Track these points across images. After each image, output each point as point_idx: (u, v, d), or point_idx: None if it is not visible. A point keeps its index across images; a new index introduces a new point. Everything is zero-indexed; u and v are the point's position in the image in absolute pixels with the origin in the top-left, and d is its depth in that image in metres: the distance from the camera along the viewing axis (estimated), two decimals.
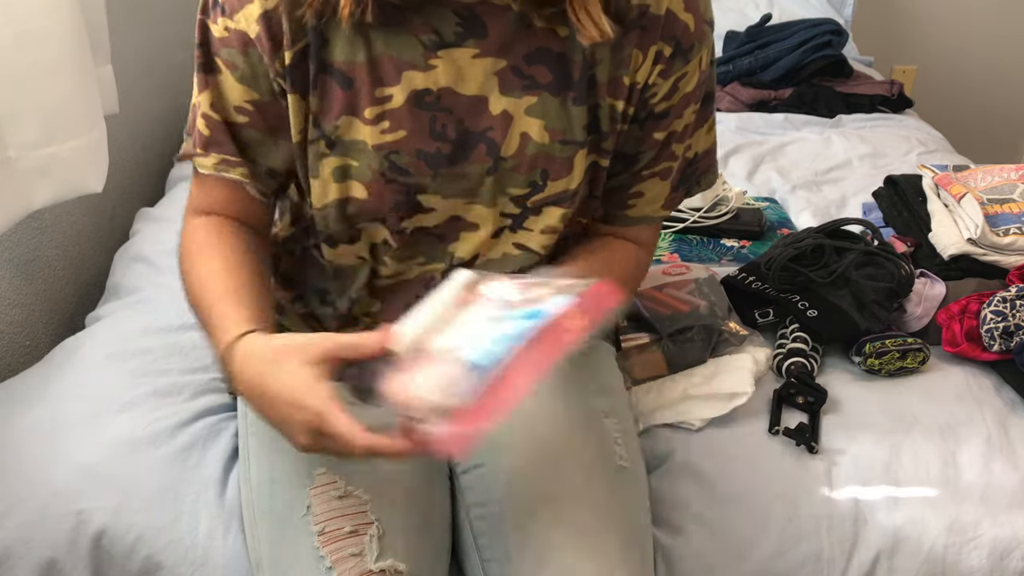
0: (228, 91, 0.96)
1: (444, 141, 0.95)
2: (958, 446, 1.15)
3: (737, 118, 2.21)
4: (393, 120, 0.94)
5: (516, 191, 0.98)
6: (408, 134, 0.94)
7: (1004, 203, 1.49)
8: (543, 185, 0.98)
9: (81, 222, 1.63)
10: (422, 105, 0.94)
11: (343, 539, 0.90)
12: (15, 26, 1.10)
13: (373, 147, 0.94)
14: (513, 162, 0.96)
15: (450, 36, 0.92)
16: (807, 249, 1.35)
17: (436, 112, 0.94)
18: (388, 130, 0.94)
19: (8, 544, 0.99)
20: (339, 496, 0.92)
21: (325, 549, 0.89)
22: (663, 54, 0.96)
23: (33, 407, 1.12)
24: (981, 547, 1.05)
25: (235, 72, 0.95)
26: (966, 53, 3.24)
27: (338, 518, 0.91)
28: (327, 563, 0.88)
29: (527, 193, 0.98)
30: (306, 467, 0.95)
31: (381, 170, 0.95)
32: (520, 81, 0.94)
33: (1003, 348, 1.24)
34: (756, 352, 1.25)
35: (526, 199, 0.98)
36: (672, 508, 1.07)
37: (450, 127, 0.95)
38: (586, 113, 0.96)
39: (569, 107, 0.95)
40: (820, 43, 2.37)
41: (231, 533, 1.02)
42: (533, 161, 0.96)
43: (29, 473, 1.05)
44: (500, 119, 0.95)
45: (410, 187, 0.96)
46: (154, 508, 1.02)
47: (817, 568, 1.04)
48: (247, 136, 0.98)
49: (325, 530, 0.90)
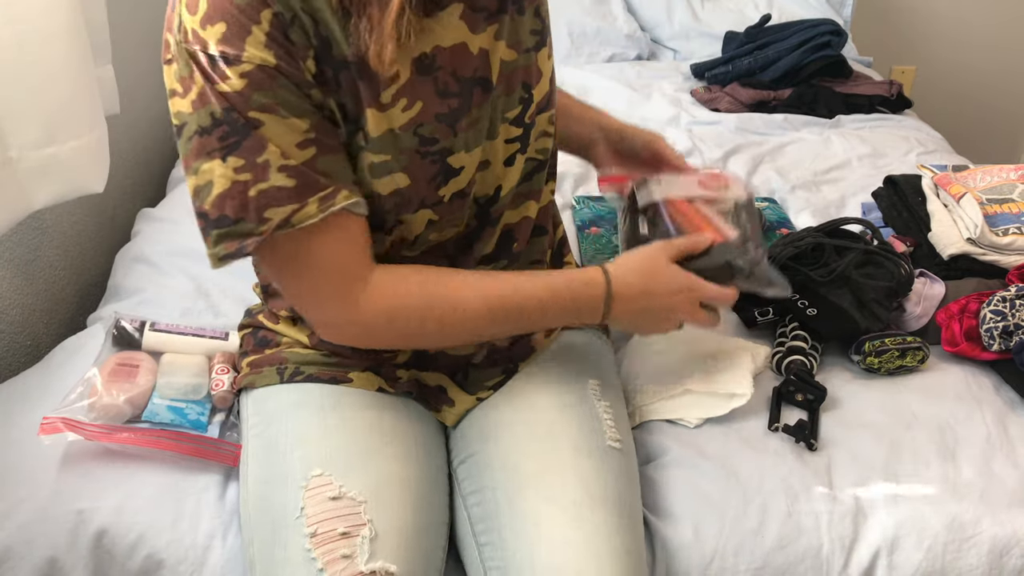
0: (282, 135, 0.87)
1: (450, 96, 0.96)
2: (957, 445, 1.15)
3: (737, 118, 2.22)
4: (408, 95, 0.93)
5: (512, 113, 1.01)
6: (424, 103, 0.95)
7: (1003, 203, 1.49)
8: (529, 97, 1.02)
9: (82, 222, 1.63)
10: (423, 70, 0.94)
11: (334, 541, 0.90)
12: (15, 26, 1.10)
13: (400, 129, 0.93)
14: (502, 87, 1.00)
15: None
16: (807, 248, 1.36)
17: (436, 73, 0.95)
18: (407, 107, 0.94)
19: (9, 544, 0.99)
20: (333, 497, 0.93)
21: (317, 551, 0.89)
22: None
23: (33, 407, 1.13)
24: (980, 545, 1.05)
25: (277, 112, 0.86)
26: (966, 53, 3.25)
27: (331, 519, 0.92)
28: (318, 565, 0.89)
29: (521, 111, 1.02)
30: (302, 468, 0.96)
31: (415, 148, 0.95)
32: (478, 15, 0.97)
33: (1002, 347, 1.24)
34: (755, 350, 1.25)
35: (523, 117, 1.02)
36: (671, 500, 1.07)
37: (451, 82, 0.96)
38: (532, 16, 1.02)
39: (516, 19, 1.00)
40: (819, 43, 2.37)
41: (231, 534, 1.02)
42: (509, 79, 1.00)
43: (30, 473, 1.05)
44: (480, 57, 0.98)
45: (441, 153, 0.97)
46: (155, 508, 1.03)
47: (817, 564, 1.04)
48: (322, 166, 0.90)
49: (317, 532, 0.91)
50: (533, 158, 1.06)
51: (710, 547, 1.04)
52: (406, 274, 0.97)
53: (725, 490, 1.08)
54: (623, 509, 0.96)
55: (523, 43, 1.01)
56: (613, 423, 1.05)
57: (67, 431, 1.04)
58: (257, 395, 1.08)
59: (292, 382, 1.07)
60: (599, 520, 0.92)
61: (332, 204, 0.89)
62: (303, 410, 1.03)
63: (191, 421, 1.11)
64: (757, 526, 1.05)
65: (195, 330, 1.25)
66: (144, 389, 1.14)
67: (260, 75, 0.85)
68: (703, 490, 1.08)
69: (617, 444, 1.02)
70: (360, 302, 0.94)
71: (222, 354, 1.21)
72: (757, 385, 1.20)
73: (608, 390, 1.10)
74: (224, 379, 1.16)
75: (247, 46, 0.84)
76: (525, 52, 1.01)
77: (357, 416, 1.03)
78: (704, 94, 2.39)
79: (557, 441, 0.99)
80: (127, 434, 1.07)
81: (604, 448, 1.01)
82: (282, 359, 1.09)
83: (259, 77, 0.85)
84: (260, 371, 1.10)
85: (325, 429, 1.00)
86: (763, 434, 1.16)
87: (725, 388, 1.18)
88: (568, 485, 0.95)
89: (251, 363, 1.12)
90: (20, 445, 1.08)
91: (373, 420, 1.03)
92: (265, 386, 1.08)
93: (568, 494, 0.94)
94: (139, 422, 1.11)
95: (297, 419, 1.02)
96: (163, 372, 1.17)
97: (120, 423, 1.10)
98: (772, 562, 1.04)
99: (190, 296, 1.39)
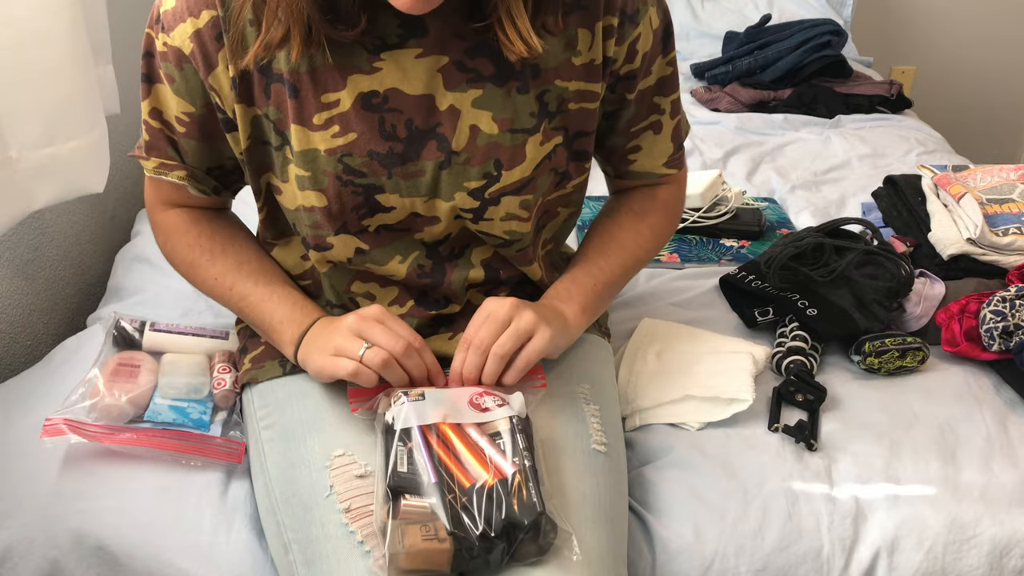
0: (167, 101, 1.03)
1: (395, 140, 0.98)
2: (958, 445, 1.15)
3: (737, 118, 2.22)
4: (342, 124, 0.97)
5: (472, 184, 1.00)
6: (358, 136, 0.97)
7: (1003, 203, 1.49)
8: (498, 176, 1.00)
9: (82, 222, 1.63)
10: (369, 107, 0.97)
11: (369, 516, 0.91)
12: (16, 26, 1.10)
13: (325, 152, 0.98)
14: (465, 155, 0.99)
15: (392, 39, 0.96)
16: (807, 248, 1.36)
17: (384, 113, 0.97)
18: (338, 134, 0.97)
19: (10, 544, 0.99)
20: (359, 475, 0.94)
21: (354, 525, 0.90)
22: (612, 27, 1.00)
23: (34, 407, 1.13)
24: (980, 545, 1.05)
25: (172, 85, 1.01)
26: (965, 53, 3.25)
27: (361, 496, 0.93)
28: (358, 537, 0.89)
29: (483, 185, 1.00)
30: (323, 450, 0.97)
31: (336, 173, 0.98)
32: (464, 75, 0.97)
33: (1002, 348, 1.24)
34: (755, 350, 1.25)
35: (483, 191, 1.00)
36: (670, 500, 1.07)
37: (400, 126, 0.98)
38: (533, 100, 0.99)
39: (514, 96, 0.99)
40: (820, 43, 2.37)
41: (234, 530, 1.02)
42: (485, 152, 0.99)
43: (31, 473, 1.05)
44: (448, 114, 0.98)
45: (367, 188, 0.99)
46: (157, 507, 1.02)
47: (817, 565, 1.04)
48: (186, 145, 1.05)
49: (351, 508, 0.92)
50: (495, 235, 1.04)
51: (710, 548, 1.04)
52: (189, 227, 1.12)
53: (725, 491, 1.08)
54: (600, 514, 0.96)
55: (514, 122, 0.99)
56: (600, 426, 1.04)
57: (70, 433, 1.04)
58: (261, 388, 1.09)
59: (295, 374, 1.08)
60: (575, 525, 0.92)
61: (164, 173, 1.07)
62: (311, 399, 1.04)
63: (193, 420, 1.11)
64: (757, 527, 1.05)
65: (195, 330, 1.25)
66: (146, 389, 1.14)
67: (174, 54, 0.99)
68: (703, 491, 1.08)
69: (602, 447, 1.02)
70: (163, 217, 1.13)
71: (222, 353, 1.21)
72: (757, 385, 1.19)
73: (600, 393, 1.10)
74: (225, 378, 1.16)
75: (176, 29, 0.97)
76: (513, 132, 0.99)
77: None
78: (704, 94, 2.39)
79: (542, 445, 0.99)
80: (130, 434, 1.07)
81: (588, 451, 1.00)
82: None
83: (173, 54, 0.99)
84: (262, 365, 1.10)
85: (338, 416, 1.01)
86: (763, 434, 1.16)
87: (726, 393, 1.17)
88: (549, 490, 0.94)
89: (252, 359, 1.12)
90: (21, 445, 1.08)
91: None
92: (269, 379, 1.09)
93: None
94: (141, 422, 1.11)
95: (307, 408, 1.03)
96: (164, 372, 1.17)
97: (122, 423, 1.10)
98: (772, 563, 1.04)
99: (190, 296, 1.39)
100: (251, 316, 1.08)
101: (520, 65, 0.98)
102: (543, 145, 1.01)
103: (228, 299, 1.10)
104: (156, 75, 1.02)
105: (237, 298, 1.08)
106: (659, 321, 1.33)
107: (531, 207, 1.03)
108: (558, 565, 0.87)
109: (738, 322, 1.37)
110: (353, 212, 1.00)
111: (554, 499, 0.93)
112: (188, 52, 0.98)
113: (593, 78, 1.02)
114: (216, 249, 1.10)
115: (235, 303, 1.09)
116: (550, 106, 1.01)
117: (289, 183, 1.01)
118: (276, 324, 1.05)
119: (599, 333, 1.21)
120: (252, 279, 1.08)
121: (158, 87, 1.03)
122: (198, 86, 1.00)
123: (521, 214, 1.03)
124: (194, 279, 1.13)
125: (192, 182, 1.08)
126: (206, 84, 0.99)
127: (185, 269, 1.13)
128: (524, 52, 0.93)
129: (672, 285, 1.49)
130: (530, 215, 1.04)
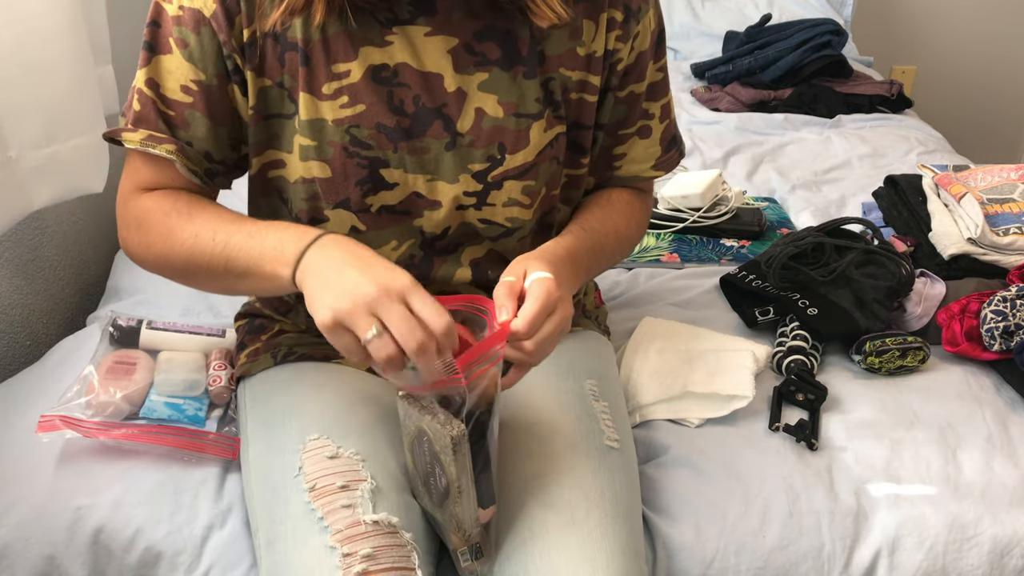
0: (174, 70, 0.97)
1: (403, 115, 0.98)
2: (958, 444, 1.15)
3: (737, 118, 2.22)
4: (351, 94, 0.97)
5: (476, 166, 1.00)
6: (367, 108, 0.97)
7: (1004, 203, 1.49)
8: (501, 159, 1.01)
9: (82, 222, 1.63)
10: (379, 80, 0.97)
11: (334, 493, 0.91)
12: (15, 26, 1.11)
13: (333, 122, 0.97)
14: (470, 137, 0.99)
15: (404, 14, 0.96)
16: (808, 248, 1.36)
17: (393, 87, 0.97)
18: (347, 104, 0.97)
19: (7, 541, 0.99)
20: (330, 456, 0.94)
21: (317, 503, 0.90)
22: (615, 20, 1.01)
23: (31, 406, 1.13)
24: (981, 545, 1.05)
25: (184, 51, 0.96)
26: (966, 53, 3.25)
27: (329, 475, 0.92)
28: (318, 514, 0.89)
29: (487, 168, 1.01)
30: (300, 435, 0.97)
31: (343, 144, 0.98)
32: (471, 58, 0.98)
33: (1003, 347, 1.24)
34: (756, 349, 1.25)
35: (486, 174, 1.01)
36: (672, 499, 1.07)
37: (408, 101, 0.98)
38: (538, 87, 1.00)
39: (520, 81, 0.99)
40: (820, 43, 2.37)
41: (229, 525, 1.03)
42: (490, 135, 0.99)
43: (27, 471, 1.05)
44: (455, 96, 0.98)
45: (372, 161, 0.99)
46: (152, 502, 1.03)
47: (818, 564, 1.04)
48: (189, 117, 0.98)
49: (316, 486, 0.91)
50: (497, 223, 1.03)
51: (711, 547, 1.04)
52: (163, 201, 0.99)
53: (726, 490, 1.08)
54: (619, 509, 0.96)
55: (519, 106, 1.00)
56: (611, 422, 1.04)
57: (65, 428, 1.04)
58: (253, 381, 1.10)
59: (285, 363, 1.08)
60: (594, 522, 0.92)
61: (152, 146, 0.97)
62: (297, 385, 1.04)
63: (189, 417, 1.11)
64: (758, 526, 1.05)
65: (191, 327, 1.25)
66: (141, 386, 1.14)
67: (192, 17, 0.95)
68: (704, 490, 1.08)
69: (615, 444, 1.02)
70: (136, 202, 1.01)
71: (219, 350, 1.21)
72: (758, 384, 1.19)
73: (607, 389, 1.10)
74: (221, 375, 1.16)
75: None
76: (518, 116, 1.00)
77: (352, 390, 1.04)
78: (704, 94, 2.39)
79: (553, 441, 0.99)
80: (125, 430, 1.07)
81: (601, 448, 1.00)
82: (276, 344, 1.11)
83: (190, 16, 0.95)
84: (256, 359, 1.11)
85: (320, 402, 1.01)
86: (764, 434, 1.16)
87: (726, 390, 1.17)
88: (563, 486, 0.94)
89: (248, 353, 1.13)
90: (17, 443, 1.08)
91: (368, 394, 1.04)
92: (261, 371, 1.09)
93: (563, 496, 0.94)
94: (137, 419, 1.11)
95: (291, 393, 1.03)
96: (160, 369, 1.17)
97: (118, 420, 1.10)
98: (773, 562, 1.04)
99: (190, 296, 1.39)
100: (242, 260, 0.92)
101: (527, 51, 0.98)
102: (546, 132, 1.02)
103: (213, 252, 0.94)
104: (161, 44, 0.97)
105: (222, 246, 0.93)
106: (660, 320, 1.33)
107: (533, 194, 1.03)
108: (583, 556, 0.88)
109: (738, 322, 1.37)
110: (357, 187, 0.99)
111: (572, 494, 0.93)
112: (210, 13, 0.94)
113: (594, 70, 1.02)
114: (195, 209, 0.98)
115: (220, 254, 0.93)
116: (555, 94, 1.01)
117: (293, 154, 1.00)
118: (268, 249, 0.90)
119: (600, 331, 1.21)
120: (236, 223, 0.95)
121: (161, 58, 0.97)
122: (214, 51, 0.96)
123: (523, 200, 1.03)
124: (171, 248, 0.97)
125: (182, 158, 0.98)
126: (226, 47, 0.95)
127: (161, 243, 0.98)
128: (554, 19, 0.95)
129: (672, 285, 1.49)
130: (532, 202, 1.04)
